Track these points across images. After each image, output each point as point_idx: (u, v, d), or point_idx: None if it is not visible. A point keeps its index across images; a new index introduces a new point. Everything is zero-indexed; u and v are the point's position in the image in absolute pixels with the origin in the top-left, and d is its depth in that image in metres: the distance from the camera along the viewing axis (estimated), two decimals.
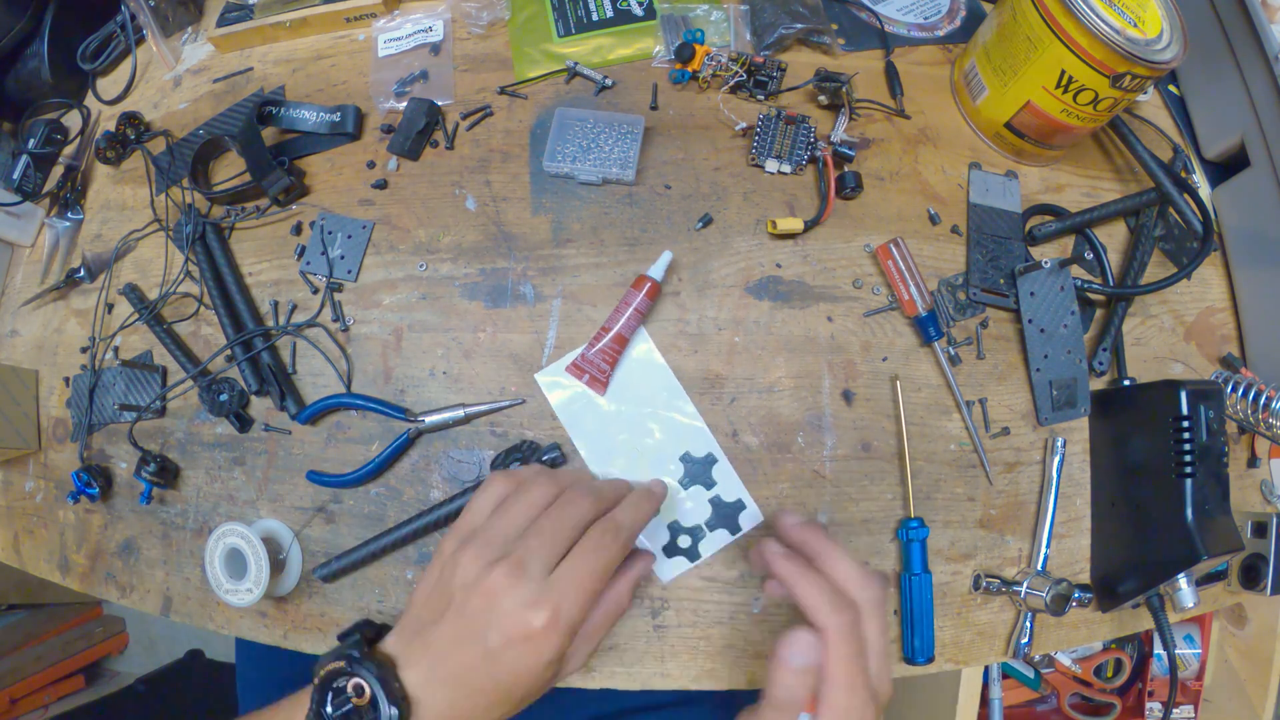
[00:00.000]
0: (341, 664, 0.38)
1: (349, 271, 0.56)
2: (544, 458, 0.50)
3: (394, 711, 0.36)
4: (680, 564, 0.50)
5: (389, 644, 0.40)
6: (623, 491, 0.44)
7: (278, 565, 0.51)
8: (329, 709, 0.37)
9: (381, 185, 0.57)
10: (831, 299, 0.54)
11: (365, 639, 0.39)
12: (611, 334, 0.49)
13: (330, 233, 0.56)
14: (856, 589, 0.40)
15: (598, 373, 0.50)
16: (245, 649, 0.70)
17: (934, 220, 0.56)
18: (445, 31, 0.62)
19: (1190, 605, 0.50)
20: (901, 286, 0.52)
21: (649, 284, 0.50)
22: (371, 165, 0.58)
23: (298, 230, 0.58)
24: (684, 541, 0.50)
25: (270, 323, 0.56)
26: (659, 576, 0.50)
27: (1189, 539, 0.47)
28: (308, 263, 0.56)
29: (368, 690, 0.37)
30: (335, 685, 0.38)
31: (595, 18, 0.61)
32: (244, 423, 0.55)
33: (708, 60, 0.56)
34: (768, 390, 0.52)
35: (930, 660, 0.50)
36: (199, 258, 0.57)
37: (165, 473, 0.55)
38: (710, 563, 0.51)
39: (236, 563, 0.49)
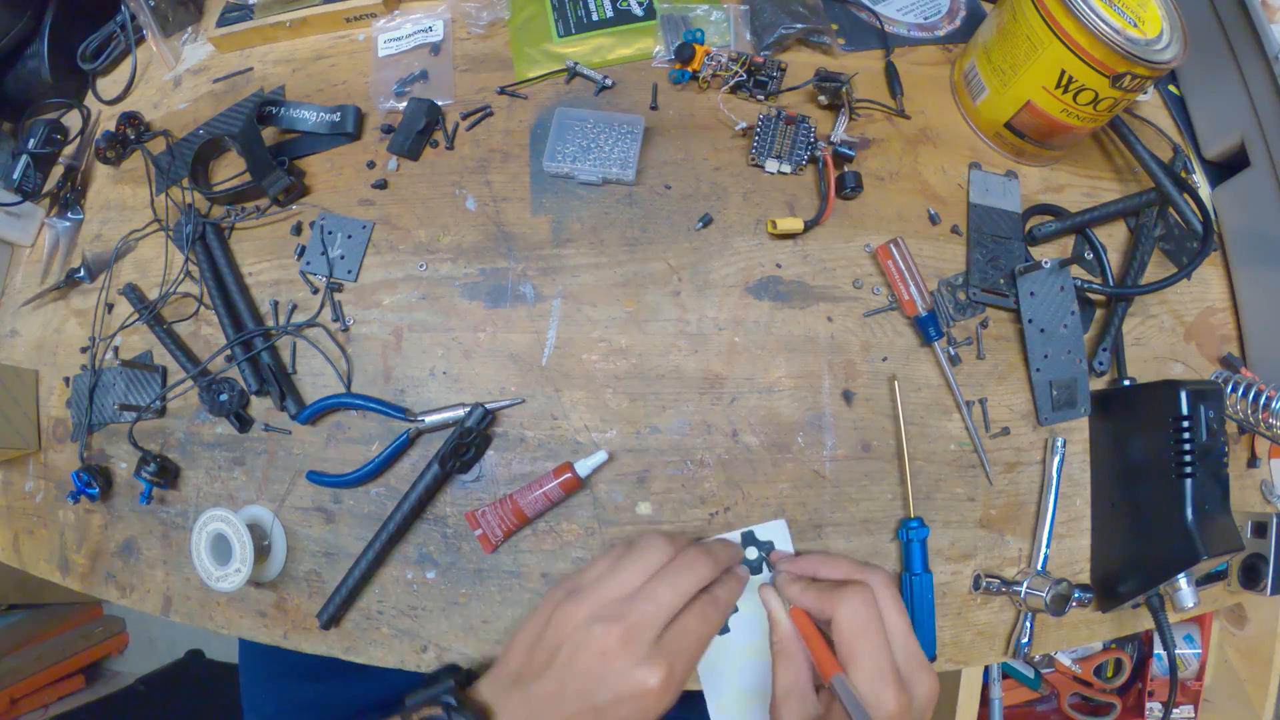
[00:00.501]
0: (439, 710, 0.38)
1: (349, 271, 0.56)
2: (480, 425, 0.50)
3: None
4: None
5: (481, 692, 0.40)
6: (731, 559, 0.45)
7: (263, 551, 0.52)
8: None
9: (381, 185, 0.57)
10: (831, 299, 0.54)
11: (458, 684, 0.40)
12: (511, 506, 0.49)
13: (330, 233, 0.56)
14: (859, 575, 0.42)
15: (490, 533, 0.50)
16: (248, 649, 0.70)
17: (934, 220, 0.56)
18: (445, 31, 0.62)
19: (1190, 605, 0.50)
20: (901, 286, 0.52)
21: (568, 475, 0.49)
22: (371, 165, 0.58)
23: (298, 230, 0.58)
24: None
25: (270, 323, 0.56)
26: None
27: (1189, 539, 0.47)
28: (308, 263, 0.56)
29: None
30: None
31: (595, 18, 0.61)
32: (244, 423, 0.55)
33: (708, 60, 0.56)
34: (768, 390, 0.52)
35: (932, 660, 0.50)
36: (199, 258, 0.57)
37: (165, 473, 0.55)
38: None
39: (222, 549, 0.50)
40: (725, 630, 0.47)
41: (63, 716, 1.31)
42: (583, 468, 0.49)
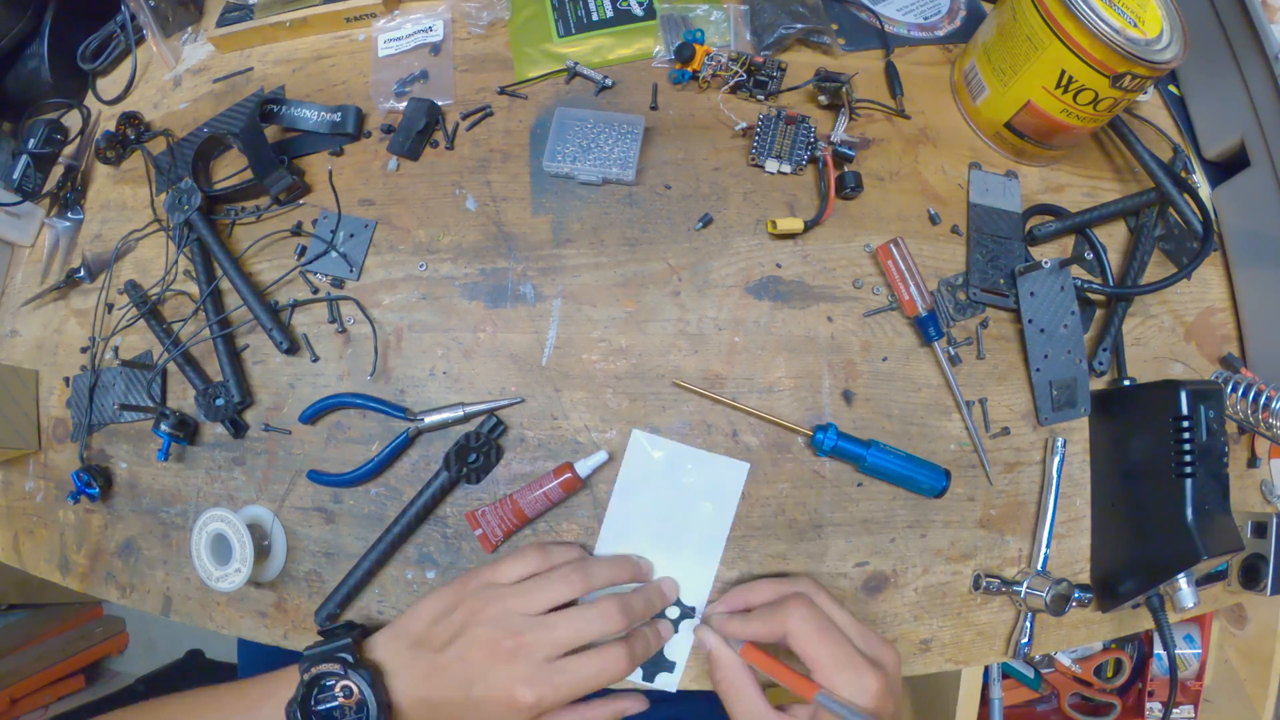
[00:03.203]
0: (335, 666, 0.41)
1: (351, 270, 0.56)
2: (493, 435, 0.51)
3: (381, 718, 0.40)
4: (667, 679, 0.50)
5: (379, 646, 0.44)
6: (663, 603, 0.47)
7: (263, 551, 0.52)
8: (313, 702, 0.41)
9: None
10: (831, 299, 0.54)
11: (354, 640, 0.43)
12: (511, 506, 0.49)
13: (332, 231, 0.56)
14: (786, 590, 0.44)
15: (490, 533, 0.50)
16: (247, 649, 0.70)
17: (934, 220, 0.56)
18: (445, 31, 0.62)
19: (1190, 605, 0.50)
20: (901, 286, 0.52)
21: (568, 475, 0.49)
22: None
23: (298, 230, 0.58)
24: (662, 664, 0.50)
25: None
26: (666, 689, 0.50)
27: (1189, 539, 0.47)
28: (309, 261, 0.56)
29: (356, 693, 0.40)
30: (324, 683, 0.41)
31: (595, 18, 0.61)
32: (239, 428, 0.54)
33: (708, 60, 0.56)
34: (768, 390, 0.52)
35: (949, 480, 0.50)
36: (193, 254, 0.57)
37: (184, 426, 0.55)
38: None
39: (222, 549, 0.50)
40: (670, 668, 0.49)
41: (63, 716, 1.31)
42: (583, 468, 0.49)
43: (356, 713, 0.41)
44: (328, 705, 0.41)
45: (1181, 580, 0.49)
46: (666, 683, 0.49)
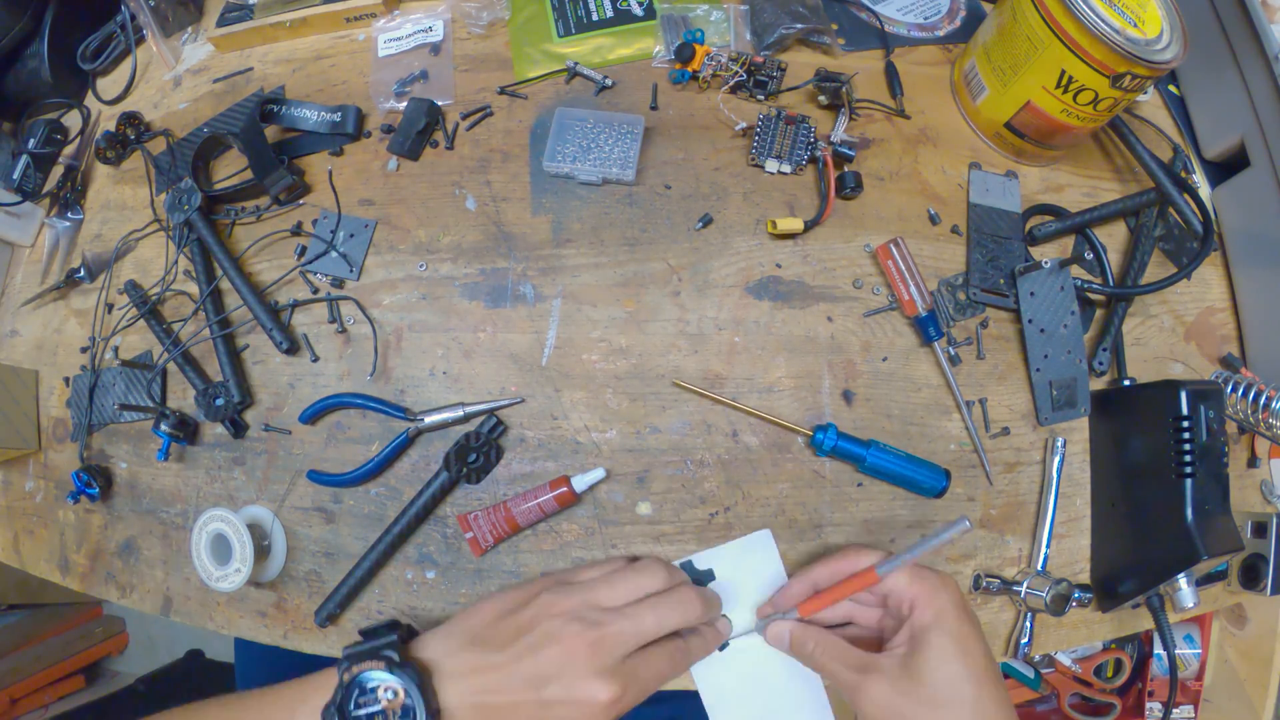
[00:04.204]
0: (379, 665, 0.37)
1: (351, 269, 0.56)
2: (493, 435, 0.51)
3: None
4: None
5: (429, 647, 0.40)
6: (717, 610, 0.46)
7: (263, 551, 0.52)
8: (352, 705, 0.37)
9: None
10: (831, 299, 0.54)
11: (400, 638, 0.39)
12: (505, 513, 0.49)
13: (332, 231, 0.56)
14: (864, 559, 0.43)
15: (481, 538, 0.50)
16: (245, 649, 0.70)
17: (934, 220, 0.56)
18: (445, 31, 0.62)
19: (1190, 605, 0.50)
20: (901, 286, 0.52)
21: (564, 489, 0.49)
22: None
23: (298, 230, 0.58)
24: None
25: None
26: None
27: (1189, 539, 0.47)
28: (309, 261, 0.56)
29: (400, 695, 0.36)
30: (365, 685, 0.37)
31: (595, 18, 0.61)
32: (239, 428, 0.54)
33: (708, 60, 0.56)
34: (768, 390, 0.52)
35: (949, 480, 0.50)
36: (193, 254, 0.57)
37: (185, 426, 0.55)
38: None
39: (222, 549, 0.50)
40: (724, 646, 0.47)
41: (63, 716, 1.31)
42: (580, 483, 0.49)
43: (402, 718, 0.36)
44: (369, 709, 0.36)
45: (1181, 580, 0.49)
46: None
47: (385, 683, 0.37)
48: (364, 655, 0.38)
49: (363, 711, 0.37)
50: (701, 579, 0.49)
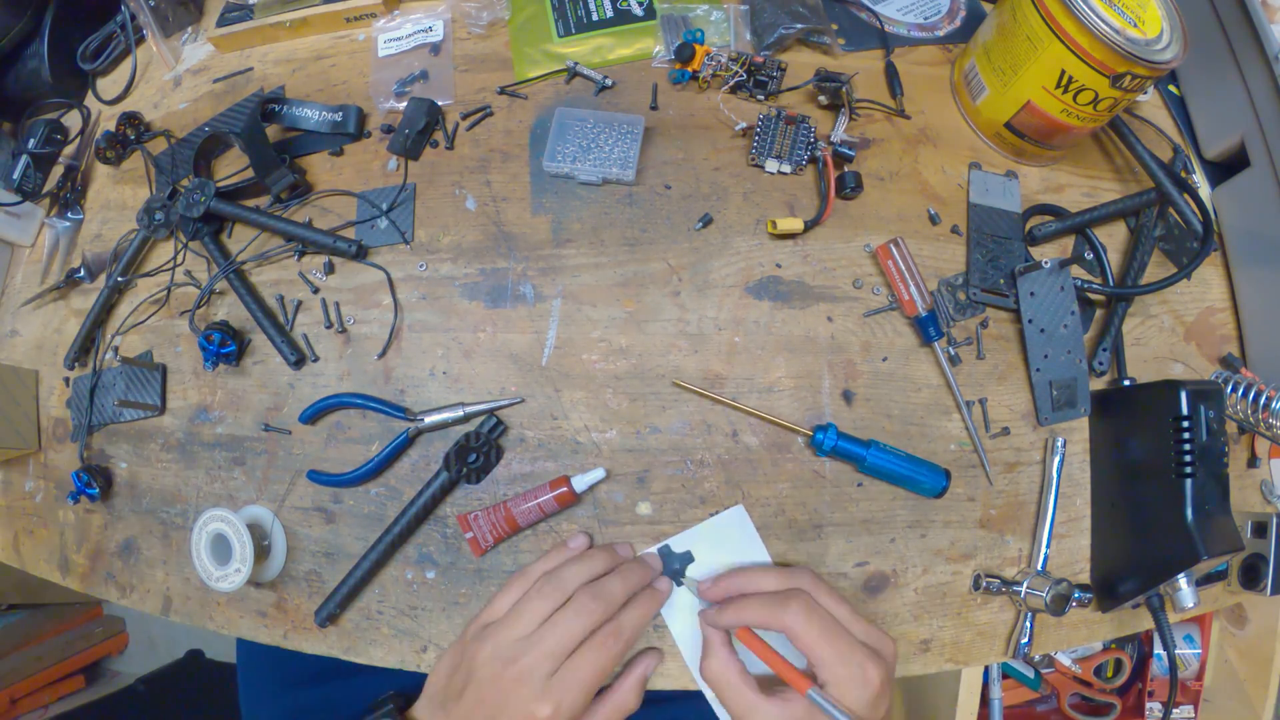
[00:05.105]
0: None
1: (405, 236, 0.55)
2: (493, 435, 0.51)
3: None
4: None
5: (418, 712, 0.46)
6: (631, 586, 0.47)
7: (263, 551, 0.52)
8: None
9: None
10: (831, 299, 0.54)
11: (398, 708, 0.46)
12: (505, 513, 0.49)
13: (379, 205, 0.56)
14: (788, 582, 0.45)
15: (481, 538, 0.50)
16: (246, 649, 0.70)
17: (934, 220, 0.56)
18: (445, 31, 0.62)
19: (1190, 605, 0.50)
20: (901, 286, 0.52)
21: (564, 489, 0.49)
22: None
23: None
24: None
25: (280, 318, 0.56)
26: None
27: (1189, 539, 0.47)
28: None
29: None
30: None
31: (595, 18, 0.61)
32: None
33: (708, 60, 0.56)
34: (768, 390, 0.52)
35: (949, 480, 0.50)
36: (207, 247, 0.57)
37: (235, 335, 0.55)
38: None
39: (222, 549, 0.50)
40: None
41: (63, 716, 1.31)
42: (580, 483, 0.49)
43: None
44: None
45: (1181, 580, 0.49)
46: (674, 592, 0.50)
47: None
48: None
49: None
50: (682, 560, 0.50)
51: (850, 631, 0.42)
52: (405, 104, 0.58)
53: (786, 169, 0.55)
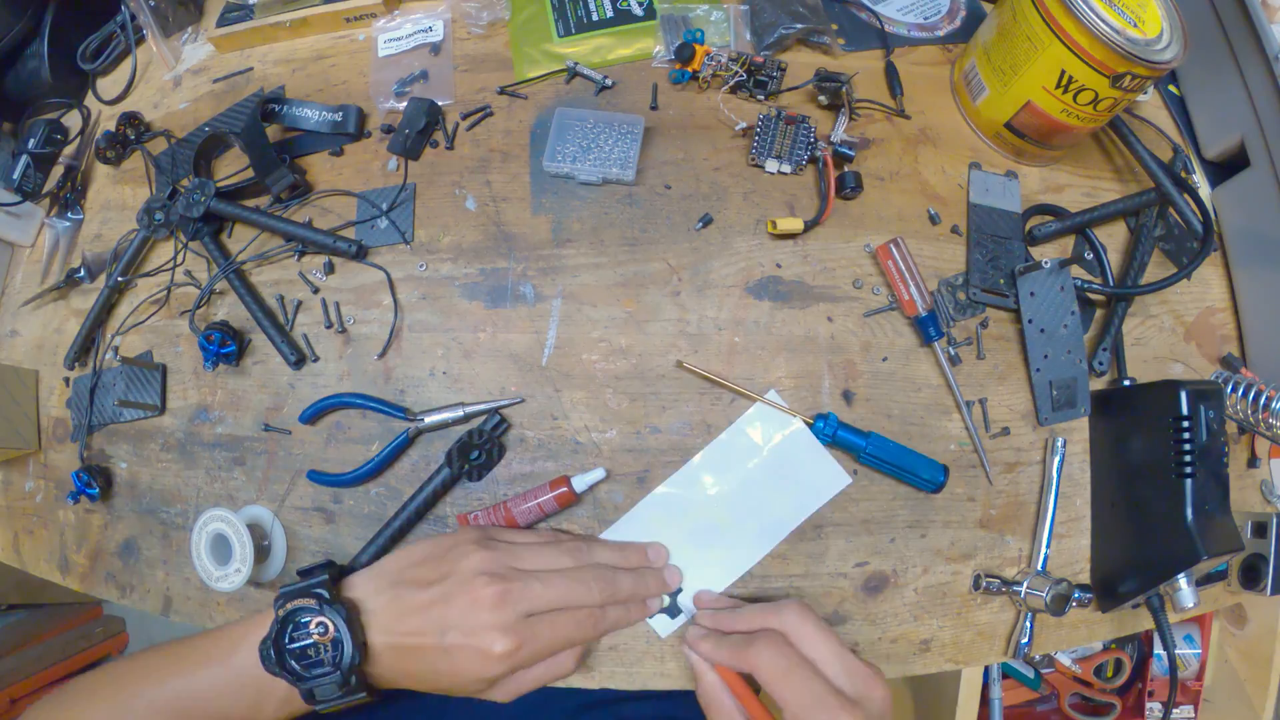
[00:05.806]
0: (311, 601, 0.40)
1: (404, 235, 0.56)
2: (496, 433, 0.51)
3: (356, 656, 0.40)
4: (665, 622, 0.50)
5: (357, 586, 0.44)
6: (639, 592, 0.47)
7: (263, 551, 0.52)
8: (286, 639, 0.40)
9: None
10: (831, 299, 0.54)
11: (332, 578, 0.43)
12: (505, 513, 0.49)
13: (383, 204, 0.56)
14: (771, 621, 0.42)
15: None
16: None
17: (934, 220, 0.56)
18: (445, 31, 0.62)
19: (1190, 605, 0.50)
20: (901, 286, 0.52)
21: (564, 489, 0.49)
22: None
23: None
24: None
25: (281, 317, 0.56)
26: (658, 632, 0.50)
27: (1189, 539, 0.47)
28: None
29: (331, 629, 0.40)
30: (298, 620, 0.40)
31: (595, 18, 0.61)
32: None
33: (708, 60, 0.56)
34: (768, 390, 0.52)
35: (947, 475, 0.50)
36: (207, 246, 0.57)
37: (235, 334, 0.55)
38: None
39: (222, 549, 0.50)
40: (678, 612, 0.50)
41: None
42: (580, 483, 0.49)
43: (332, 650, 0.40)
44: (302, 643, 0.40)
45: (1181, 580, 0.49)
46: (662, 624, 0.50)
47: (316, 617, 0.40)
48: (297, 593, 0.41)
49: (296, 645, 0.40)
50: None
51: (824, 675, 0.40)
52: (405, 104, 0.58)
53: (786, 169, 0.55)
